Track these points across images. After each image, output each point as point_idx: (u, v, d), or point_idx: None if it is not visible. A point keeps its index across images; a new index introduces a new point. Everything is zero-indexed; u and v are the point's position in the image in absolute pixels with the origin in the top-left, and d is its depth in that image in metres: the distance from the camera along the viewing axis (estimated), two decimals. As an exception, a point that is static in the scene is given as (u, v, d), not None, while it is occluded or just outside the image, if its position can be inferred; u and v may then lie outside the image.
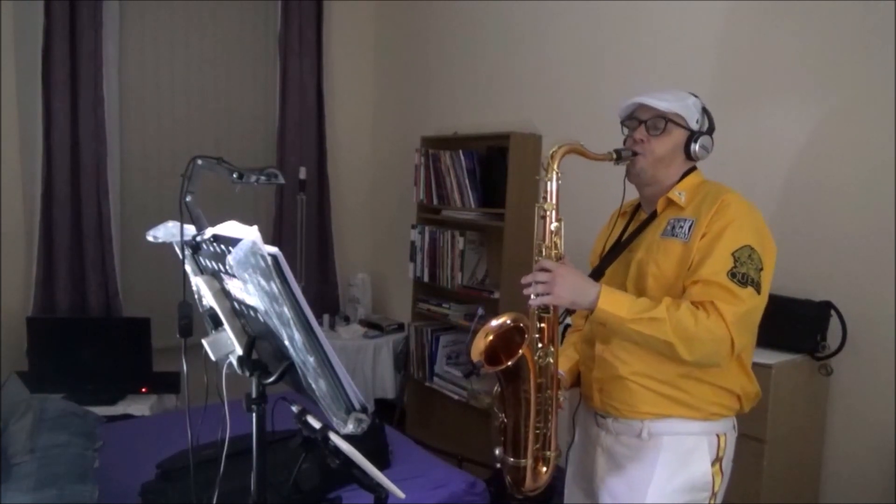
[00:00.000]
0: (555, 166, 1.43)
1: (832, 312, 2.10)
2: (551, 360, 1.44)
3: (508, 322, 1.42)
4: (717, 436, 1.46)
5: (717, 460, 1.45)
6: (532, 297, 1.40)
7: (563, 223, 1.44)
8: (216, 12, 3.85)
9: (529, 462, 1.46)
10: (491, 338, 1.41)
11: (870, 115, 2.09)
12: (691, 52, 2.58)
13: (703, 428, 1.45)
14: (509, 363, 1.37)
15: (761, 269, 1.34)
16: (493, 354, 1.41)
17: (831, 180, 2.19)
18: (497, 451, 1.51)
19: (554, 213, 1.44)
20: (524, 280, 1.41)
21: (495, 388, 1.48)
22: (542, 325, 1.43)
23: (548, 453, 1.48)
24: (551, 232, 1.44)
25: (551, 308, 1.42)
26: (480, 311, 3.25)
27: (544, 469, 1.49)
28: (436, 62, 3.96)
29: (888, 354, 2.06)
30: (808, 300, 2.11)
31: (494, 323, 1.42)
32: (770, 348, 2.00)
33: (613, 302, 1.36)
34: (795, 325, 2.06)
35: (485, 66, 3.59)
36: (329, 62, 4.19)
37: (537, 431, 1.46)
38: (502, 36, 3.47)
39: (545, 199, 1.44)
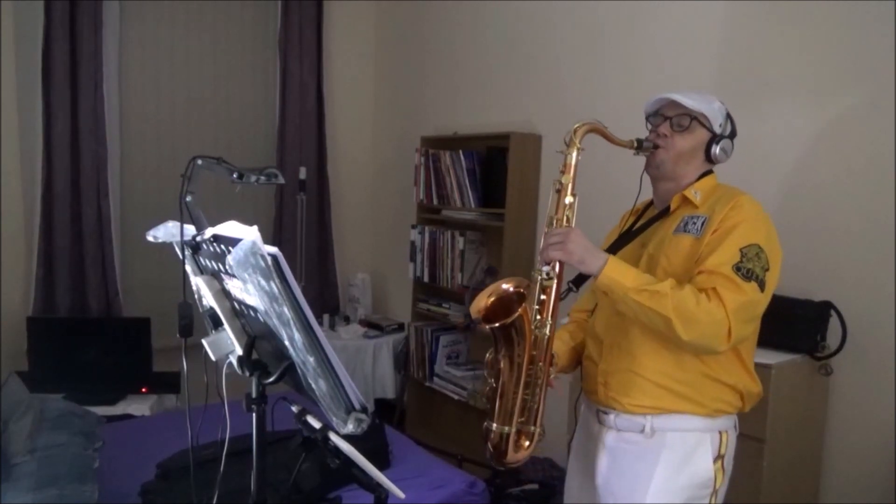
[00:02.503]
0: (577, 141, 1.43)
1: (832, 312, 2.10)
2: (547, 333, 1.44)
3: (511, 289, 1.42)
4: (720, 433, 1.46)
5: (718, 458, 1.46)
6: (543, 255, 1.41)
7: (577, 199, 1.44)
8: (216, 12, 3.85)
9: (513, 431, 1.45)
10: (493, 299, 1.42)
11: (869, 115, 2.09)
12: (692, 52, 2.58)
13: (706, 424, 1.45)
14: (507, 320, 1.37)
15: (767, 270, 1.35)
16: (491, 315, 1.41)
17: (831, 180, 2.19)
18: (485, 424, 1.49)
19: (570, 187, 1.44)
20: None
21: (487, 354, 1.48)
22: (543, 296, 1.43)
23: (532, 428, 1.47)
24: (565, 206, 1.44)
25: (554, 278, 1.42)
26: (485, 265, 3.24)
27: (527, 443, 1.47)
28: (436, 62, 3.96)
29: (888, 354, 2.06)
30: (808, 300, 2.11)
31: (502, 286, 1.43)
32: (770, 348, 2.00)
33: (620, 270, 1.37)
34: (795, 325, 2.06)
35: (485, 66, 3.59)
36: (329, 62, 4.19)
37: (524, 402, 1.45)
38: (502, 36, 3.47)
39: (563, 172, 1.44)
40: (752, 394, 1.49)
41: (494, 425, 1.46)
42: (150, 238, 1.42)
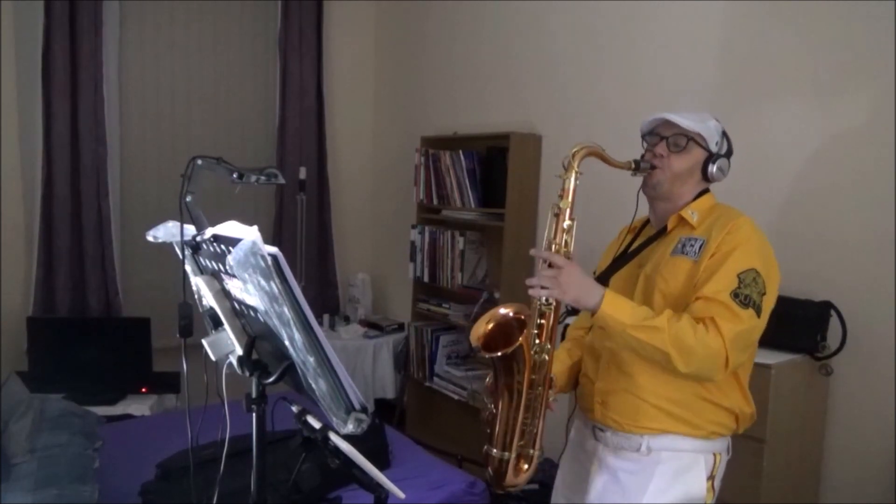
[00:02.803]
0: (576, 165, 1.43)
1: (832, 312, 2.11)
2: (546, 357, 1.44)
3: (511, 314, 1.42)
4: (714, 454, 1.48)
5: (710, 478, 1.47)
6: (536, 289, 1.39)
7: (575, 223, 1.43)
8: (216, 12, 3.86)
9: (513, 456, 1.46)
10: (492, 325, 1.42)
11: (870, 117, 2.09)
12: (693, 54, 2.58)
13: (701, 446, 1.46)
14: (508, 350, 1.37)
15: (764, 294, 1.35)
16: (491, 342, 1.41)
17: (832, 181, 2.19)
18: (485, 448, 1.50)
19: (569, 211, 1.43)
20: (530, 281, 1.40)
21: (488, 378, 1.48)
22: (542, 320, 1.42)
23: (531, 451, 1.48)
24: (563, 230, 1.43)
25: (553, 303, 1.41)
26: (486, 295, 3.26)
27: (526, 466, 1.48)
28: (436, 62, 3.96)
29: (888, 354, 2.06)
30: (808, 300, 2.11)
31: (500, 311, 1.43)
32: (770, 348, 2.00)
33: (617, 306, 1.36)
34: (795, 325, 2.06)
35: (485, 66, 3.58)
36: (329, 62, 4.19)
37: (524, 427, 1.46)
38: (502, 35, 3.47)
39: (561, 196, 1.44)
40: (745, 415, 1.50)
41: (494, 450, 1.47)
42: (150, 238, 1.42)
